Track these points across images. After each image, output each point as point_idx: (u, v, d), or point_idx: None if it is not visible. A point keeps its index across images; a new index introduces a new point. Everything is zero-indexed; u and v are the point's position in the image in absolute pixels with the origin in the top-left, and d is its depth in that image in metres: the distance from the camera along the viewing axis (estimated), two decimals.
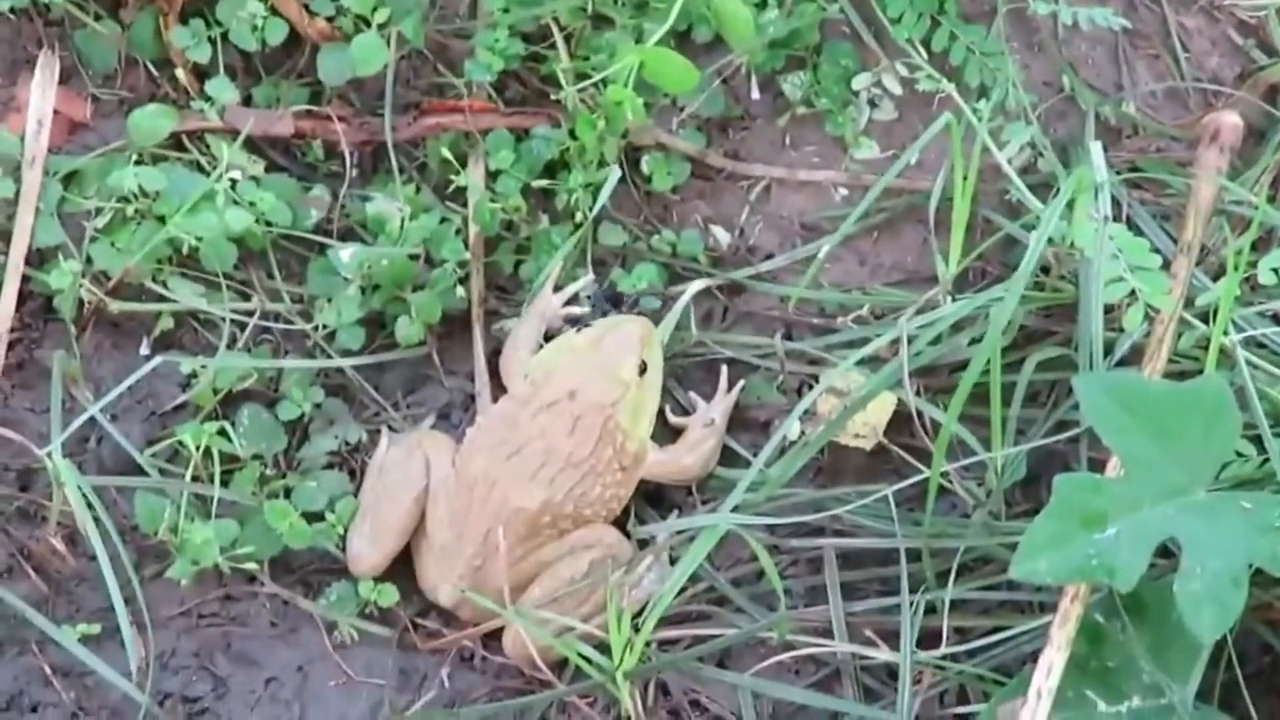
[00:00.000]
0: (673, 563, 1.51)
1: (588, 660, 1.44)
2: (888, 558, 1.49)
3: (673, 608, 1.47)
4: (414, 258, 1.58)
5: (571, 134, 1.62)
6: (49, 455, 1.47)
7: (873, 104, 1.68)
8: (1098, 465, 1.41)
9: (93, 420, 1.52)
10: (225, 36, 1.61)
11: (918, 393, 1.50)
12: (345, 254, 1.58)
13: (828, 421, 1.50)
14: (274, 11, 1.61)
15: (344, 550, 1.55)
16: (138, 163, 1.57)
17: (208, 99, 1.61)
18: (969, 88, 1.63)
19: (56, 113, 1.61)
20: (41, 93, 1.61)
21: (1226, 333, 1.39)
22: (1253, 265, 1.46)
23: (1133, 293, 1.42)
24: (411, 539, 1.55)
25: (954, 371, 1.54)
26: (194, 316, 1.61)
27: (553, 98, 1.64)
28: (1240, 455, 1.35)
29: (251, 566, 1.52)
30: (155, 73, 1.65)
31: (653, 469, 1.56)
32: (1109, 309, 1.45)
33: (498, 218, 1.61)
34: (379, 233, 1.59)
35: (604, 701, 1.50)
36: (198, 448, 1.49)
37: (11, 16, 1.63)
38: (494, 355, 1.62)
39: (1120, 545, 1.23)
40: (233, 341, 1.59)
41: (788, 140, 1.68)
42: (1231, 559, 1.22)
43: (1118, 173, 1.61)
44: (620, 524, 1.55)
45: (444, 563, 1.52)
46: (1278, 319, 1.52)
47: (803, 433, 1.54)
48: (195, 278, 1.59)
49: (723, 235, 1.67)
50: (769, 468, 1.51)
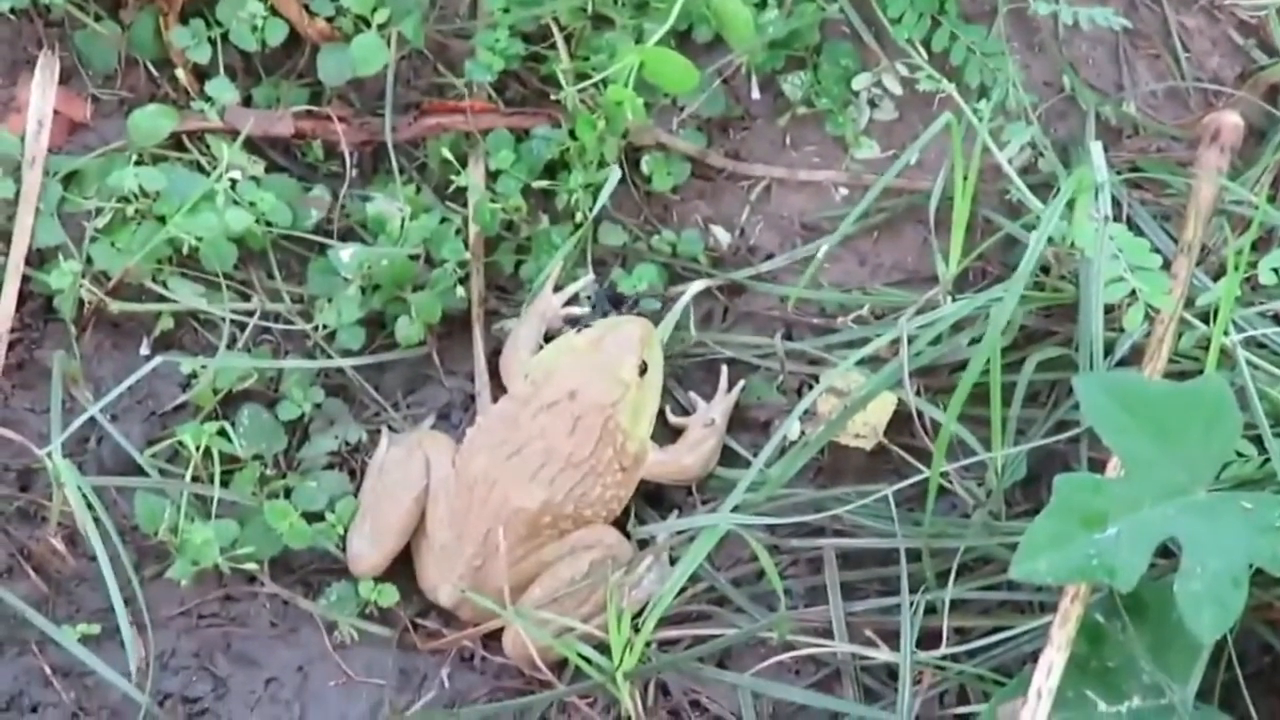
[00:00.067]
0: (673, 563, 1.51)
1: (588, 660, 1.44)
2: (888, 558, 1.49)
3: (673, 608, 1.47)
4: (414, 258, 1.58)
5: (571, 134, 1.62)
6: (49, 455, 1.47)
7: (873, 104, 1.68)
8: (1098, 465, 1.41)
9: (93, 420, 1.52)
10: (225, 37, 1.61)
11: (918, 393, 1.50)
12: (345, 254, 1.58)
13: (828, 421, 1.50)
14: (274, 12, 1.61)
15: (344, 550, 1.55)
16: (138, 163, 1.57)
17: (208, 99, 1.61)
18: (969, 88, 1.63)
19: (56, 113, 1.61)
20: (41, 93, 1.61)
21: (1227, 333, 1.39)
22: (1253, 265, 1.46)
23: (1133, 293, 1.42)
24: (411, 539, 1.55)
25: (954, 371, 1.54)
26: (194, 316, 1.61)
27: (553, 98, 1.64)
28: (1240, 455, 1.35)
29: (251, 566, 1.52)
30: (155, 73, 1.65)
31: (653, 469, 1.56)
32: (1109, 309, 1.45)
33: (498, 218, 1.61)
34: (379, 233, 1.59)
35: (604, 702, 1.50)
36: (198, 448, 1.49)
37: (11, 16, 1.63)
38: (494, 355, 1.62)
39: (1120, 545, 1.23)
40: (233, 341, 1.59)
41: (788, 140, 1.68)
42: (1232, 559, 1.22)
43: (1118, 173, 1.60)
44: (620, 524, 1.55)
45: (444, 563, 1.52)
46: (1278, 319, 1.52)
47: (803, 433, 1.54)
48: (195, 278, 1.59)
49: (723, 235, 1.67)
50: (769, 468, 1.51)
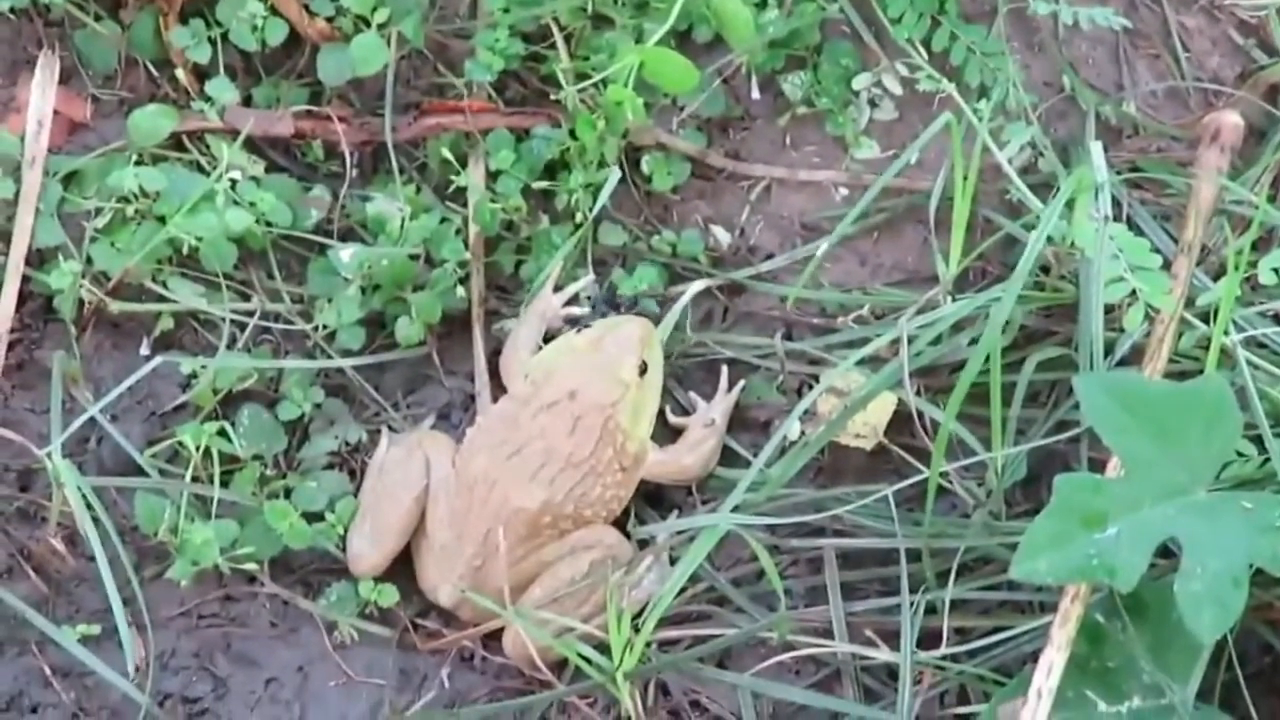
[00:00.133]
0: (673, 563, 1.51)
1: (588, 660, 1.44)
2: (888, 558, 1.49)
3: (673, 608, 1.47)
4: (414, 258, 1.58)
5: (572, 134, 1.62)
6: (49, 455, 1.47)
7: (873, 104, 1.68)
8: (1098, 465, 1.41)
9: (93, 420, 1.52)
10: (225, 36, 1.61)
11: (918, 393, 1.50)
12: (345, 254, 1.58)
13: (828, 421, 1.50)
14: (274, 11, 1.61)
15: (344, 550, 1.55)
16: (138, 163, 1.57)
17: (208, 99, 1.61)
18: (969, 88, 1.63)
19: (56, 113, 1.61)
20: (41, 93, 1.61)
21: (1227, 333, 1.39)
22: (1253, 265, 1.46)
23: (1133, 293, 1.42)
24: (411, 539, 1.55)
25: (954, 371, 1.53)
26: (194, 316, 1.61)
27: (553, 98, 1.64)
28: (1241, 455, 1.35)
29: (251, 567, 1.52)
30: (155, 73, 1.65)
31: (653, 469, 1.56)
32: (1109, 309, 1.45)
33: (498, 218, 1.61)
34: (379, 233, 1.59)
35: (604, 702, 1.50)
36: (198, 448, 1.49)
37: (11, 16, 1.63)
38: (494, 355, 1.62)
39: (1120, 545, 1.23)
40: (233, 342, 1.59)
41: (788, 140, 1.68)
42: (1232, 559, 1.22)
43: (1118, 173, 1.60)
44: (620, 524, 1.55)
45: (444, 563, 1.52)
46: (1278, 319, 1.52)
47: (803, 433, 1.54)
48: (195, 278, 1.59)
49: (723, 235, 1.67)
50: (769, 468, 1.51)
